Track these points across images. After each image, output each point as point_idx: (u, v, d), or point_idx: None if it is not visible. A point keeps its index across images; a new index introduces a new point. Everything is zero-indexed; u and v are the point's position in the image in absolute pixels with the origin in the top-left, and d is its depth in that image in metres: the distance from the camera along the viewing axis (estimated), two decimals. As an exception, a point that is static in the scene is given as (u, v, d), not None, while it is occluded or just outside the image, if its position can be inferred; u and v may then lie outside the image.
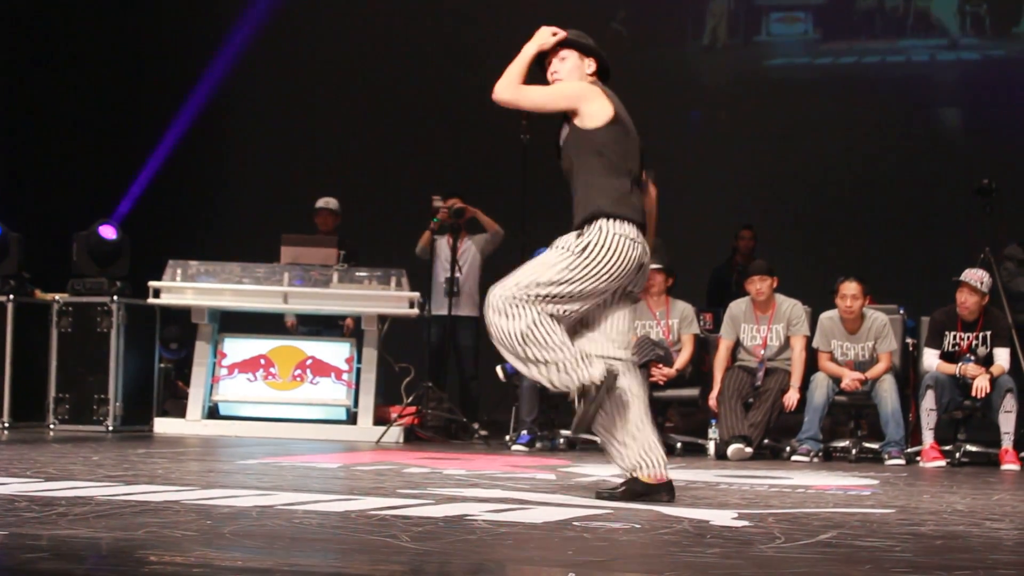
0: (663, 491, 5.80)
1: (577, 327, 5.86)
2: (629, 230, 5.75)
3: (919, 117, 14.52)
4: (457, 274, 10.99)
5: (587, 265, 5.70)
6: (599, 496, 5.95)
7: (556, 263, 5.72)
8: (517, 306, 5.69)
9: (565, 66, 6.01)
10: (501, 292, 5.75)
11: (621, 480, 5.94)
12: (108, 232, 11.09)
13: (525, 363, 5.73)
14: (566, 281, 5.68)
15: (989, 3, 14.53)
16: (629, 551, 4.36)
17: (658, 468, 5.80)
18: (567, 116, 5.96)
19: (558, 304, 5.70)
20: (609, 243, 5.71)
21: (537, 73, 6.04)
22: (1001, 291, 10.06)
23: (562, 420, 10.12)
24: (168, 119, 14.95)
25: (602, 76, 6.08)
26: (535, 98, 6.00)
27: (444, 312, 11.02)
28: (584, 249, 5.71)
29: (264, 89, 15.72)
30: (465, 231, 11.27)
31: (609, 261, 5.71)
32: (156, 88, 15.19)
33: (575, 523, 4.93)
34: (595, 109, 5.87)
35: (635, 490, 5.79)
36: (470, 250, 11.38)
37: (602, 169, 5.83)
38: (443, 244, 11.23)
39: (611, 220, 5.74)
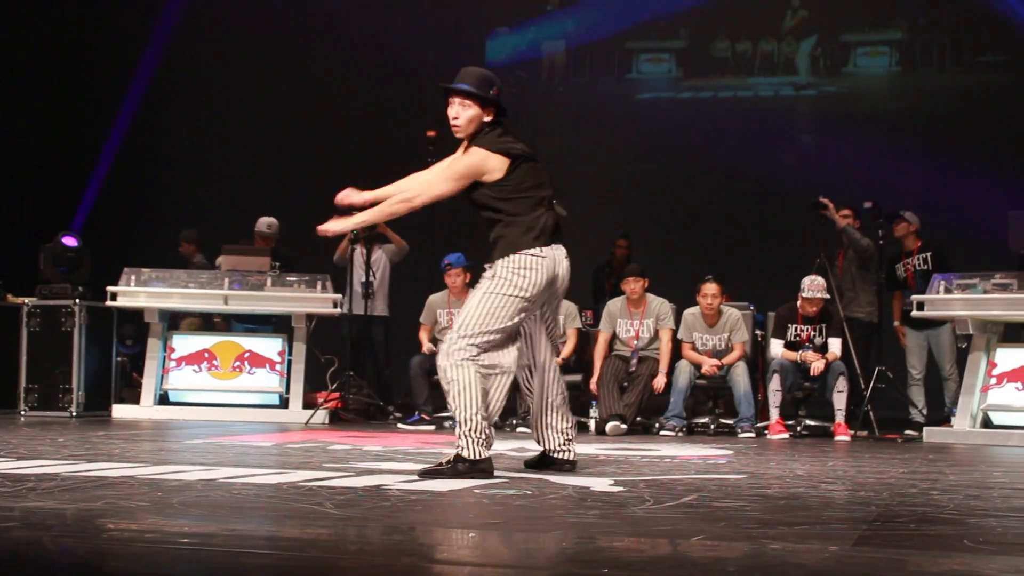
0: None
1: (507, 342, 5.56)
2: (535, 251, 5.51)
3: (765, 142, 14.71)
4: (372, 278, 10.96)
5: (508, 290, 5.46)
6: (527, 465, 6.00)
7: (491, 307, 5.44)
8: (460, 366, 5.41)
9: (466, 113, 5.60)
10: (454, 345, 5.44)
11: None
12: (70, 241, 10.98)
13: (451, 402, 5.48)
14: (501, 317, 5.44)
15: (823, 47, 14.81)
16: (522, 514, 4.39)
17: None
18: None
19: (496, 335, 5.47)
20: (519, 264, 5.49)
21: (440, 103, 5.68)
22: (835, 290, 10.22)
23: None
24: (107, 133, 14.70)
25: (499, 113, 5.67)
26: (443, 189, 5.62)
27: (360, 312, 11.00)
28: (498, 278, 5.48)
29: (205, 110, 15.53)
30: (376, 242, 11.20)
31: (522, 279, 5.48)
32: (97, 103, 14.94)
33: (475, 491, 4.95)
34: (492, 166, 5.52)
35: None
36: (382, 259, 11.30)
37: (512, 214, 5.52)
38: (358, 253, 11.17)
39: (519, 252, 5.50)
